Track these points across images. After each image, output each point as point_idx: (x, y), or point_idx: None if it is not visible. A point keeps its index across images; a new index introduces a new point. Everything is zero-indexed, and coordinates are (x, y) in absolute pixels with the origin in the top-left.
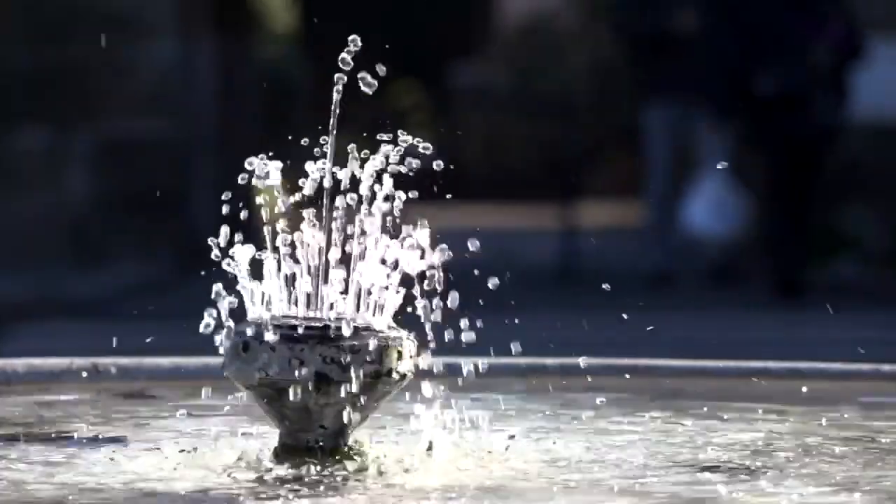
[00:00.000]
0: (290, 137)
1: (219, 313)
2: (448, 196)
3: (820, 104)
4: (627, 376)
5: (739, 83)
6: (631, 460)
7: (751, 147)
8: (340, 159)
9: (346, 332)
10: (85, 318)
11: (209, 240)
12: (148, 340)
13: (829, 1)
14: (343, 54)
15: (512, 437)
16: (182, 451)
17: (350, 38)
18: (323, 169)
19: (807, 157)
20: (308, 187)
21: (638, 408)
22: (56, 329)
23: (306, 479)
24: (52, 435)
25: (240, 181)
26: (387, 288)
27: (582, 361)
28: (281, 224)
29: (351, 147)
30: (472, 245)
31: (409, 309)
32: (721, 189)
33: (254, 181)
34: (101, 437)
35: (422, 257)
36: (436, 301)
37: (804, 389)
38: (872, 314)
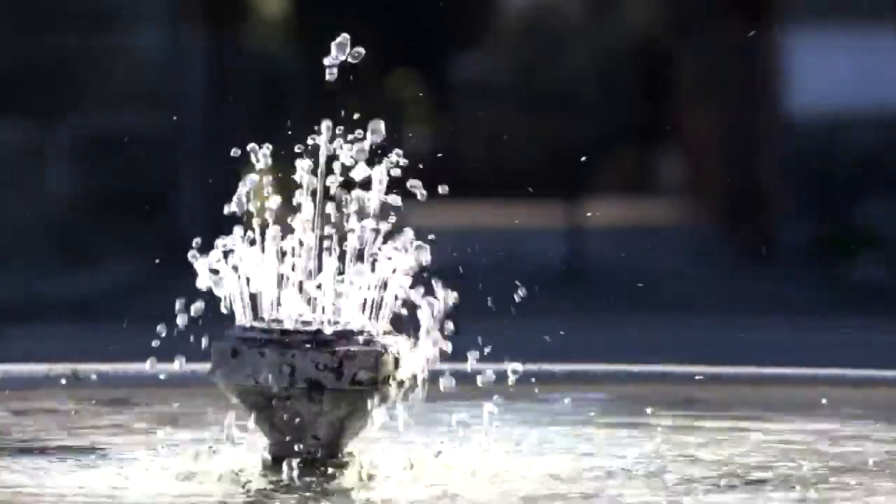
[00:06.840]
0: (281, 130)
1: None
2: (446, 193)
3: None
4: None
5: None
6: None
7: None
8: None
9: (341, 337)
10: (72, 320)
11: (194, 241)
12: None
13: None
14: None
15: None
16: (166, 462)
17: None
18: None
19: None
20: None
21: (654, 414)
22: (42, 331)
23: (295, 493)
24: (31, 445)
25: (232, 175)
26: (383, 291)
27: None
28: (272, 223)
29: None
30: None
31: (407, 313)
32: None
33: (246, 183)
34: (79, 447)
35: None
36: (435, 304)
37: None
38: None
